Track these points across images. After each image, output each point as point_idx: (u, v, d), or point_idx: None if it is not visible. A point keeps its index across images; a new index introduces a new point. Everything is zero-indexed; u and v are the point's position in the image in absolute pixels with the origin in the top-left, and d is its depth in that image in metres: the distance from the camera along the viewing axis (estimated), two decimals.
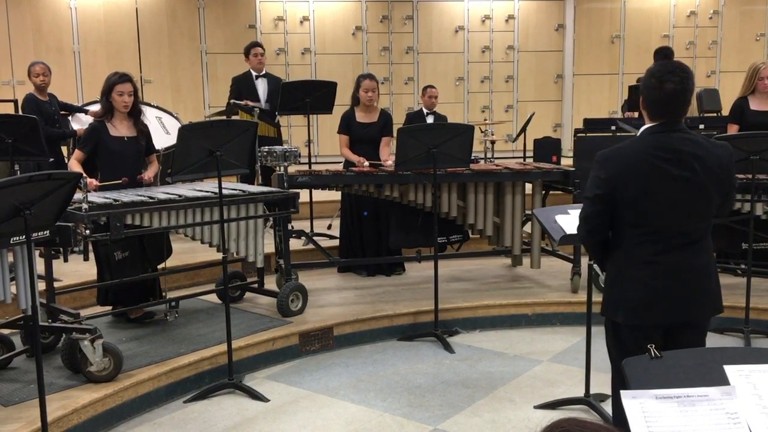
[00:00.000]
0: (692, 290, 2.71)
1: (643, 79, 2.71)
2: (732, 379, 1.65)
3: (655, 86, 2.63)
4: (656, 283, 2.67)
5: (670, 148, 2.63)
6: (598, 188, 2.68)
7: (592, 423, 1.21)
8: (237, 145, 4.08)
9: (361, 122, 5.82)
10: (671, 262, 2.67)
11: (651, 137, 2.67)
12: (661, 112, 2.66)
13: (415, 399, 4.03)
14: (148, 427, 3.77)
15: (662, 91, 2.61)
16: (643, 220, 2.67)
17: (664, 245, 2.67)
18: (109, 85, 4.56)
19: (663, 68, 2.66)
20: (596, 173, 2.69)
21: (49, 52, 8.69)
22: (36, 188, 2.94)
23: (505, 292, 5.47)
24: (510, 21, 10.20)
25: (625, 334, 2.75)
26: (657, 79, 2.63)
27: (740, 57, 10.30)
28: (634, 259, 2.70)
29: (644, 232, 2.68)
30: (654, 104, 2.66)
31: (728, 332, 4.84)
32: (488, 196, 5.44)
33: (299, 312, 4.96)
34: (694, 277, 2.71)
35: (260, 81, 7.00)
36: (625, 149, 2.69)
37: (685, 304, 2.71)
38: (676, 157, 2.62)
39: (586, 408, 3.79)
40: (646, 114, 2.71)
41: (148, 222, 4.21)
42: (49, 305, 4.19)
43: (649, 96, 2.67)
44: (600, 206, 2.70)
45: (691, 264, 2.69)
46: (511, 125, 10.16)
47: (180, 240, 5.39)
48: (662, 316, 2.72)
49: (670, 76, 2.61)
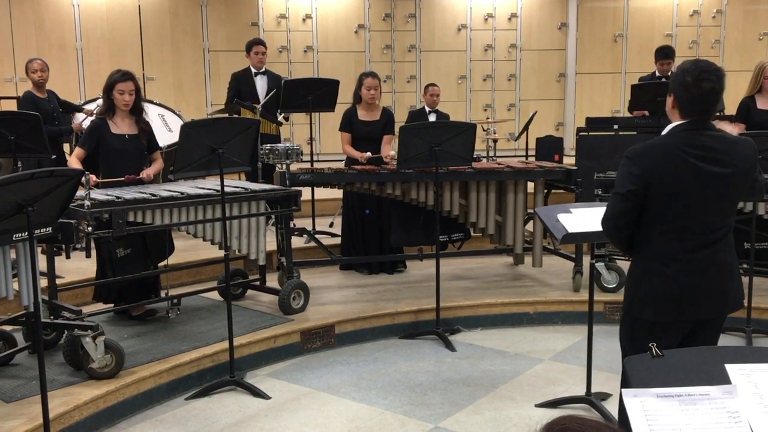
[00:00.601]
0: (719, 286, 2.75)
1: (676, 77, 2.68)
2: (733, 378, 1.65)
3: (691, 84, 2.62)
4: (686, 280, 2.68)
5: (701, 145, 2.65)
6: (631, 184, 2.64)
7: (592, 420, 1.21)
8: (239, 143, 4.08)
9: (363, 120, 5.83)
10: (700, 259, 2.69)
11: (683, 134, 2.67)
12: (696, 111, 2.66)
13: (416, 397, 4.03)
14: (150, 423, 3.78)
15: (699, 90, 2.62)
16: (673, 217, 2.67)
17: (693, 242, 2.68)
18: (111, 83, 4.56)
19: (698, 67, 2.65)
20: (628, 169, 2.66)
21: (51, 49, 8.70)
22: (39, 185, 2.95)
23: (506, 291, 5.47)
24: (513, 19, 10.19)
25: (645, 331, 2.71)
26: (694, 77, 2.62)
27: (743, 56, 10.28)
28: (662, 256, 2.69)
29: (673, 229, 2.68)
30: (689, 102, 2.65)
31: (730, 332, 4.83)
32: (490, 195, 5.44)
33: (301, 310, 4.96)
34: (721, 273, 2.74)
35: (259, 78, 7.00)
36: (657, 145, 2.67)
37: (713, 300, 2.75)
38: (707, 155, 2.65)
39: (587, 407, 3.79)
40: (677, 112, 2.69)
41: (151, 219, 4.22)
42: (51, 302, 4.20)
43: (684, 94, 2.65)
44: (632, 202, 2.66)
45: (718, 260, 2.72)
46: (514, 124, 10.15)
47: (182, 237, 5.40)
48: (691, 312, 2.74)
49: (706, 74, 2.62)
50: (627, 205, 2.68)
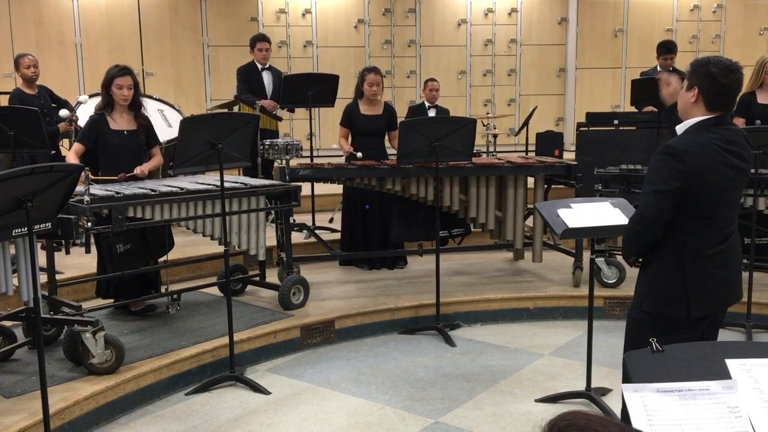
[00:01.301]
0: (739, 276, 2.83)
1: (700, 70, 2.66)
2: (733, 373, 1.65)
3: (719, 75, 2.63)
4: (717, 272, 2.71)
5: (731, 140, 2.67)
6: (677, 181, 2.60)
7: (598, 416, 1.20)
8: (239, 138, 4.07)
9: (366, 114, 5.83)
10: (727, 251, 2.73)
11: (716, 129, 2.67)
12: (723, 103, 2.67)
13: (416, 392, 4.04)
14: (150, 419, 3.78)
15: (728, 81, 2.63)
16: (705, 213, 2.67)
17: (720, 235, 2.71)
18: (109, 78, 4.55)
19: (721, 60, 2.66)
20: (671, 165, 2.61)
21: (50, 45, 8.69)
22: (38, 180, 2.94)
23: (506, 286, 5.47)
24: (513, 14, 10.17)
25: (671, 329, 2.67)
26: (721, 69, 2.63)
27: (744, 51, 10.25)
28: (696, 253, 2.68)
29: (704, 225, 2.68)
30: (718, 95, 2.65)
31: (730, 327, 4.83)
32: (490, 190, 5.44)
33: (301, 305, 4.96)
34: (739, 264, 2.84)
35: (265, 73, 6.98)
36: (697, 142, 2.64)
37: (735, 291, 2.81)
38: (734, 149, 2.67)
39: (587, 402, 3.79)
40: (701, 106, 2.67)
41: (150, 215, 4.21)
42: (51, 297, 4.19)
43: (715, 88, 2.64)
44: (675, 200, 2.63)
45: (737, 251, 2.80)
46: (514, 119, 10.14)
47: (182, 233, 5.40)
48: (720, 303, 2.78)
49: (732, 66, 2.65)
50: (671, 203, 2.64)
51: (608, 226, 3.38)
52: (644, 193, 2.71)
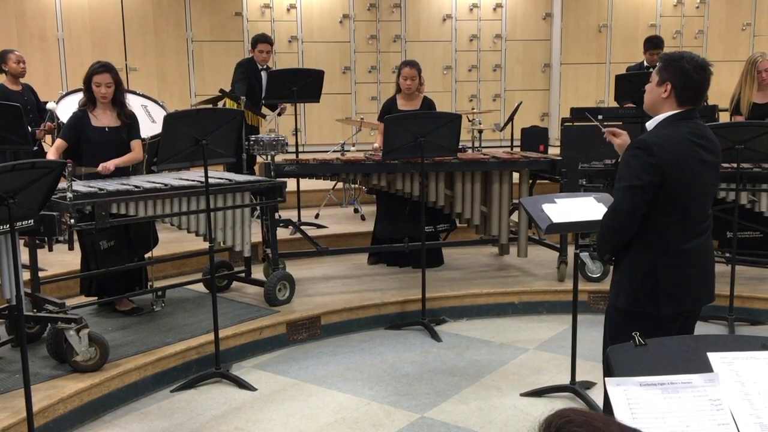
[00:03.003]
0: (712, 273, 2.83)
1: (673, 65, 2.67)
2: (715, 366, 1.66)
3: (692, 71, 2.64)
4: (690, 270, 2.71)
5: (701, 134, 2.69)
6: (650, 175, 2.60)
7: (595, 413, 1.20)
8: (223, 134, 4.05)
9: (403, 109, 5.71)
10: (699, 247, 2.73)
11: (686, 123, 2.68)
12: (694, 98, 2.69)
13: (402, 387, 4.05)
14: (135, 416, 3.77)
15: (701, 77, 2.65)
16: (679, 207, 2.67)
17: (693, 231, 2.71)
18: (89, 74, 4.52)
19: (693, 56, 2.68)
20: (644, 160, 2.60)
21: (32, 40, 8.59)
22: (20, 177, 2.91)
23: (492, 281, 5.48)
24: (498, 9, 10.18)
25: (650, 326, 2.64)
26: (693, 65, 2.64)
27: (727, 46, 10.33)
28: (668, 248, 2.68)
29: (677, 220, 2.68)
30: (690, 90, 2.66)
31: (712, 320, 4.88)
32: (476, 185, 5.45)
33: (287, 301, 4.95)
34: (711, 262, 2.82)
35: (263, 73, 6.95)
36: (668, 136, 2.65)
37: (709, 288, 2.81)
38: (705, 143, 2.69)
39: (572, 395, 3.82)
40: (673, 100, 2.68)
41: (134, 211, 4.19)
42: (34, 295, 4.16)
43: (686, 82, 2.65)
44: (649, 195, 2.62)
45: (709, 248, 2.79)
46: (499, 114, 10.16)
47: (167, 229, 5.37)
48: (695, 301, 2.78)
49: (706, 64, 2.67)
50: (644, 198, 2.63)
51: (592, 221, 3.39)
52: (618, 189, 2.70)
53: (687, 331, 2.83)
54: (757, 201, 5.06)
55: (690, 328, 2.86)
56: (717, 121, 6.93)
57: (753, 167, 5.00)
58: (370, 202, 6.50)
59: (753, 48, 10.16)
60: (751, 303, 5.00)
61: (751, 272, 5.46)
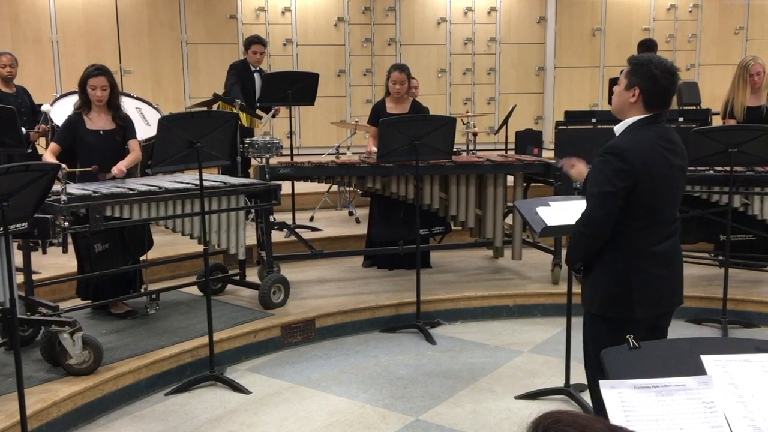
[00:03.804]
0: (682, 276, 2.84)
1: (641, 70, 2.66)
2: (709, 368, 1.67)
3: (660, 76, 2.64)
4: (660, 272, 2.72)
5: (669, 138, 2.71)
6: (621, 181, 2.60)
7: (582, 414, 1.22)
8: (218, 137, 4.05)
9: (392, 113, 5.71)
10: (668, 250, 2.74)
11: (654, 128, 2.69)
12: (661, 103, 2.69)
13: (396, 390, 4.04)
14: (129, 420, 3.75)
15: (669, 82, 2.65)
16: (650, 211, 2.68)
17: (662, 234, 2.72)
18: (84, 77, 4.51)
19: (665, 62, 2.67)
20: (615, 166, 2.61)
21: (26, 42, 8.57)
22: (14, 180, 2.91)
23: (486, 284, 5.49)
24: (492, 13, 10.20)
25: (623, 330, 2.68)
26: (661, 70, 2.64)
27: (720, 50, 10.39)
28: (638, 252, 2.69)
29: (647, 224, 2.69)
30: (657, 95, 2.66)
31: (706, 323, 4.90)
32: (470, 188, 5.46)
33: (281, 304, 4.95)
34: (680, 264, 2.83)
35: (256, 75, 6.95)
36: (639, 140, 2.66)
37: (679, 290, 2.82)
38: (673, 147, 2.71)
39: (566, 398, 3.82)
40: (640, 105, 2.68)
41: (128, 214, 4.18)
42: (28, 298, 4.15)
43: (656, 89, 2.65)
44: (622, 200, 2.63)
45: (678, 250, 2.81)
46: (493, 117, 10.18)
47: (161, 232, 5.36)
48: (667, 304, 2.79)
49: (674, 70, 2.68)
50: (618, 203, 2.63)
51: None
52: (590, 195, 2.70)
53: (662, 332, 2.85)
54: (750, 204, 5.08)
55: (665, 329, 2.88)
56: (710, 124, 6.97)
57: (746, 170, 5.02)
58: (365, 205, 6.51)
59: (746, 52, 10.21)
60: (744, 306, 5.02)
61: (744, 275, 5.48)
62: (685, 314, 4.98)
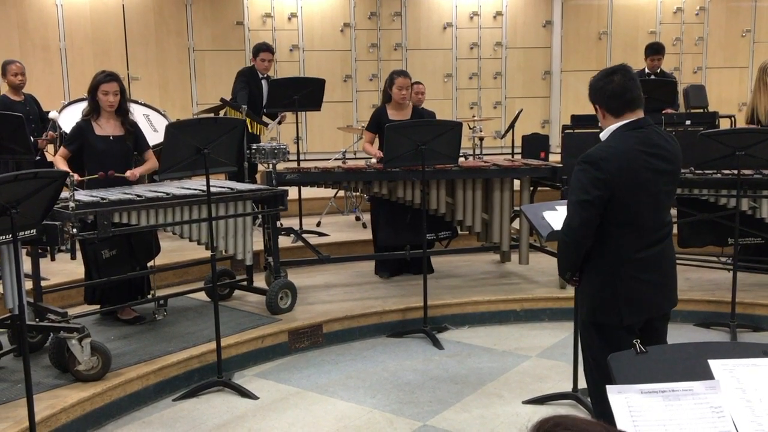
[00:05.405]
0: (671, 281, 2.83)
1: (591, 88, 2.83)
2: (716, 373, 1.67)
3: (605, 84, 2.76)
4: (646, 277, 2.72)
5: (652, 143, 2.71)
6: (598, 189, 2.63)
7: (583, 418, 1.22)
8: (225, 143, 4.06)
9: (394, 119, 5.66)
10: (656, 256, 2.74)
11: (634, 133, 2.70)
12: (623, 106, 2.73)
13: (404, 395, 4.04)
14: (137, 425, 3.76)
15: (612, 84, 2.74)
16: (632, 218, 2.69)
17: (648, 240, 2.73)
18: (95, 83, 4.54)
19: (604, 69, 2.85)
20: (592, 174, 2.64)
21: (34, 50, 8.63)
22: (22, 187, 2.93)
23: (493, 288, 5.48)
24: (498, 17, 10.21)
25: (610, 336, 2.73)
26: (601, 77, 2.79)
27: (726, 53, 10.36)
28: (622, 258, 2.71)
29: (631, 230, 2.70)
30: (610, 99, 2.75)
31: (714, 327, 4.88)
32: (477, 193, 5.46)
33: (288, 309, 4.95)
34: (671, 268, 2.83)
35: (264, 82, 6.97)
36: (616, 148, 2.68)
37: (668, 295, 2.81)
38: (658, 152, 2.71)
39: (574, 403, 3.81)
40: (610, 116, 2.77)
41: (136, 220, 4.20)
42: (37, 304, 4.17)
43: (606, 95, 2.76)
44: (599, 209, 2.65)
45: (668, 255, 2.80)
46: (500, 122, 10.18)
47: (168, 238, 5.38)
48: (654, 309, 2.78)
49: (612, 68, 2.80)
50: (594, 212, 2.67)
51: None
52: (569, 203, 2.76)
53: (660, 336, 2.85)
54: (758, 207, 5.05)
55: (662, 333, 2.88)
56: (718, 127, 6.95)
57: (754, 174, 5.01)
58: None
59: (753, 55, 10.18)
60: (753, 309, 5.00)
61: (753, 279, 5.45)
62: (694, 318, 4.97)
